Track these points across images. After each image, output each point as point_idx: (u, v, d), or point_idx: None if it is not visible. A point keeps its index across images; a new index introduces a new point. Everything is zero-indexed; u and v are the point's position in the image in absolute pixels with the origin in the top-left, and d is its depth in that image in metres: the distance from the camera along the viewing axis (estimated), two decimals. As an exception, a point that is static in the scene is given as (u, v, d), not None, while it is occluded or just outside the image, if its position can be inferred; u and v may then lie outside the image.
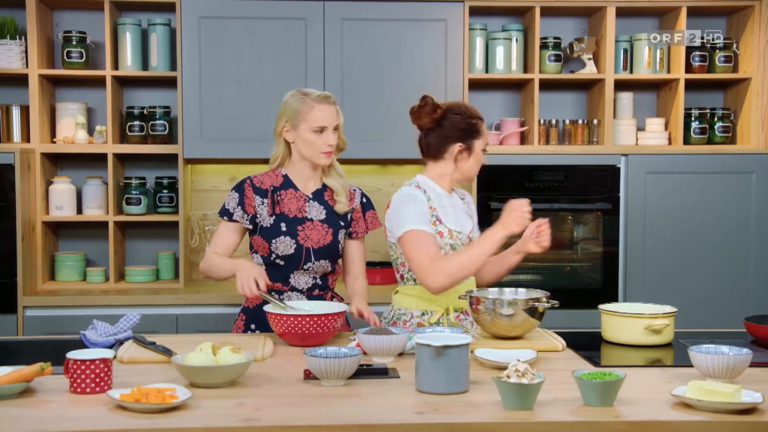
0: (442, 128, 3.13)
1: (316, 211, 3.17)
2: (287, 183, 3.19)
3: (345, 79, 4.52)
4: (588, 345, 2.93)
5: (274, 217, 3.13)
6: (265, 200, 3.14)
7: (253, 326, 3.20)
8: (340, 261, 3.30)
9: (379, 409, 2.15)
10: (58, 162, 4.80)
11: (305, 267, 3.13)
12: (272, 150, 3.25)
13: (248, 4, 4.48)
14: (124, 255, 4.79)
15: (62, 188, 4.60)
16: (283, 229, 3.12)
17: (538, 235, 3.12)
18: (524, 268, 4.57)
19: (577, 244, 4.64)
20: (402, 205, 3.06)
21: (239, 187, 3.18)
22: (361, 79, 4.54)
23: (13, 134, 4.59)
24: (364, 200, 3.28)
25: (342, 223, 3.20)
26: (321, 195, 3.20)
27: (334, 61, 4.51)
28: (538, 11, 4.62)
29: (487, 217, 4.44)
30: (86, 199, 4.65)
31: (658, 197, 4.51)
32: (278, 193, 3.16)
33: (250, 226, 3.16)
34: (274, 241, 3.11)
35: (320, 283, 3.20)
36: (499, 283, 4.36)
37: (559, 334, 2.98)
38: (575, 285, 4.60)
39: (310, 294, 3.17)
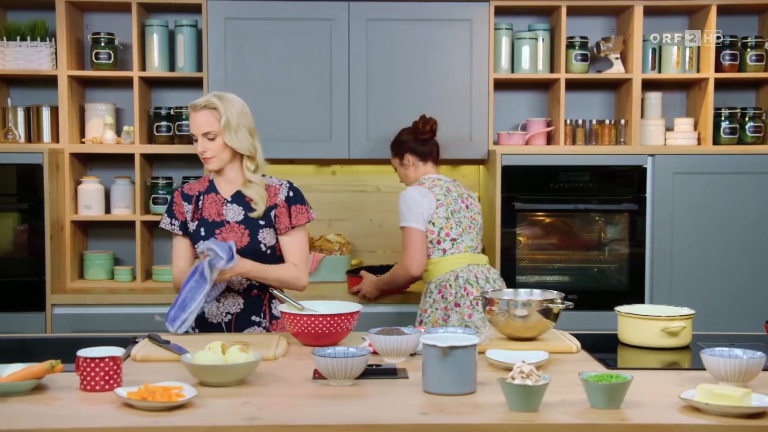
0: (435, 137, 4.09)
1: (233, 214, 3.18)
2: (210, 188, 3.24)
3: (370, 80, 4.52)
4: (604, 347, 2.90)
5: (196, 222, 3.19)
6: (190, 206, 3.22)
7: (193, 325, 3.18)
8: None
9: (383, 409, 2.14)
10: (88, 162, 4.86)
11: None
12: None
13: (273, 5, 4.50)
14: (151, 254, 4.84)
15: (91, 188, 4.66)
16: (202, 233, 3.17)
17: None
18: (550, 269, 4.55)
19: (604, 246, 4.60)
20: None
21: (171, 197, 3.32)
22: (386, 79, 4.55)
23: (43, 135, 4.65)
24: (291, 194, 3.22)
25: (262, 222, 3.17)
26: (241, 197, 3.20)
27: (358, 61, 4.52)
28: (564, 11, 4.59)
29: (511, 218, 4.44)
30: (114, 199, 4.70)
31: (686, 198, 4.45)
32: (201, 197, 3.22)
33: (180, 232, 3.23)
34: (197, 245, 3.14)
35: (257, 283, 3.18)
36: (516, 284, 4.38)
37: (577, 335, 2.96)
38: (601, 286, 4.55)
39: (247, 294, 3.19)
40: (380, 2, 4.52)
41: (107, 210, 4.73)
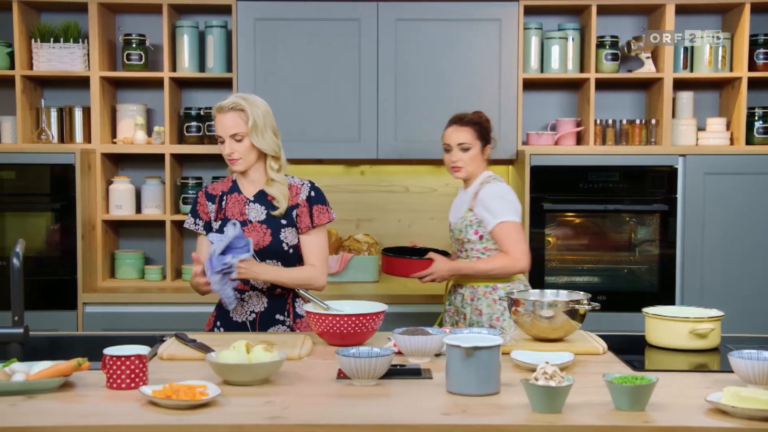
0: None
1: (255, 213, 3.19)
2: (234, 187, 3.26)
3: (398, 80, 4.52)
4: (632, 349, 2.88)
5: (219, 221, 3.21)
6: (214, 206, 3.25)
7: (219, 323, 3.25)
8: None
9: (405, 410, 2.14)
10: (119, 162, 4.91)
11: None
12: None
13: (302, 6, 4.51)
14: (181, 253, 4.87)
15: (122, 188, 4.70)
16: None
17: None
18: (579, 270, 4.52)
19: (634, 247, 4.56)
20: None
21: (195, 197, 3.33)
22: (415, 79, 4.54)
23: (76, 135, 4.70)
24: (312, 194, 3.23)
25: (284, 222, 3.18)
26: (264, 196, 3.22)
27: (387, 61, 4.52)
28: (594, 10, 4.56)
29: (539, 218, 4.42)
30: (145, 199, 4.75)
31: (718, 198, 4.40)
32: (225, 197, 3.24)
33: (204, 232, 3.24)
34: (207, 235, 3.16)
35: None
36: (544, 285, 4.36)
37: (605, 337, 2.94)
38: (631, 288, 4.52)
39: (271, 293, 3.20)
40: (409, 2, 4.52)
41: (138, 210, 4.78)
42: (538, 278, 4.36)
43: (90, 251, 4.53)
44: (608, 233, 4.57)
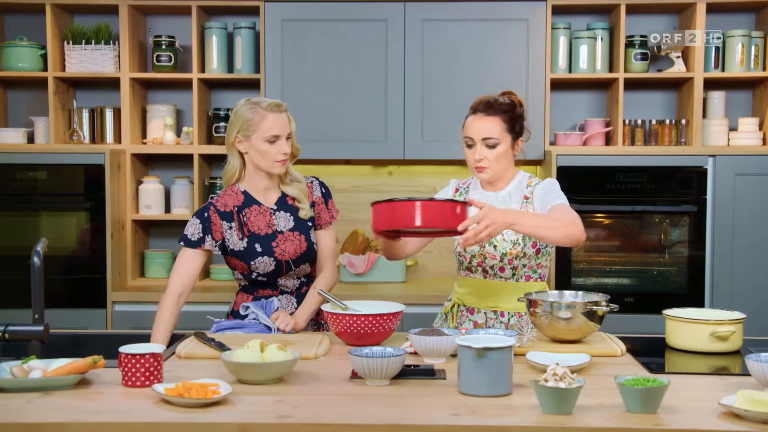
0: None
1: (283, 222, 3.17)
2: (249, 200, 3.16)
3: (425, 80, 4.52)
4: (652, 351, 2.85)
5: (246, 239, 3.12)
6: (233, 224, 3.13)
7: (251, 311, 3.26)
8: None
9: (414, 410, 2.14)
10: (150, 162, 4.96)
11: (287, 274, 3.18)
12: (225, 165, 3.20)
13: (329, 7, 4.53)
14: (209, 254, 4.89)
15: (151, 188, 4.75)
16: (258, 249, 3.12)
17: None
18: (606, 271, 4.48)
19: (662, 248, 4.51)
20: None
21: (201, 214, 3.14)
22: (442, 79, 4.54)
23: (107, 135, 4.76)
24: (323, 190, 3.25)
25: (310, 224, 3.21)
26: (284, 202, 3.19)
27: (414, 62, 4.52)
28: (623, 9, 4.52)
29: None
30: (174, 199, 4.79)
31: (748, 200, 4.34)
32: (243, 212, 3.14)
33: (219, 252, 3.17)
34: (252, 262, 3.12)
35: (305, 280, 3.25)
36: (571, 286, 4.33)
37: (627, 339, 2.91)
38: (659, 289, 4.47)
39: (299, 293, 3.22)
40: (436, 2, 4.52)
41: (167, 209, 4.82)
42: (564, 280, 4.33)
43: (119, 250, 4.59)
44: (636, 235, 4.53)
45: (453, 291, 3.27)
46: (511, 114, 3.07)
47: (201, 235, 3.12)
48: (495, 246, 3.05)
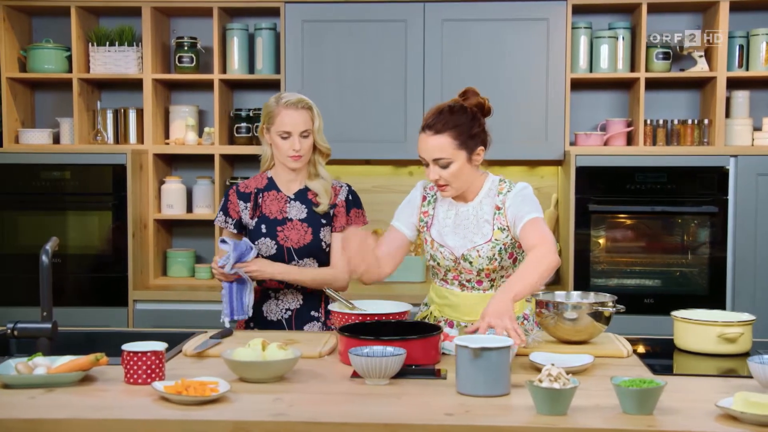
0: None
1: (296, 211, 3.21)
2: (271, 185, 3.26)
3: (444, 80, 4.52)
4: (661, 353, 2.84)
5: (255, 219, 3.21)
6: (248, 204, 3.24)
7: (252, 325, 3.28)
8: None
9: (410, 409, 2.14)
10: (172, 162, 5.01)
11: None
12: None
13: (349, 7, 4.54)
14: (231, 253, 4.94)
15: (173, 188, 4.80)
16: (264, 230, 3.19)
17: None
18: (626, 272, 4.45)
19: (682, 249, 4.46)
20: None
21: (226, 194, 3.31)
22: (461, 80, 4.51)
23: (130, 136, 4.82)
24: (350, 197, 3.27)
25: (324, 221, 3.22)
26: (304, 194, 3.24)
27: (433, 62, 4.52)
28: (645, 8, 4.49)
29: (585, 219, 4.36)
30: (196, 199, 4.84)
31: (771, 200, 4.29)
32: (261, 195, 3.24)
33: (235, 230, 3.26)
34: (256, 242, 3.19)
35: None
36: (590, 287, 4.29)
37: (637, 340, 2.90)
38: (680, 290, 4.42)
39: (305, 290, 3.23)
40: (455, 3, 4.51)
41: (189, 209, 4.87)
42: (583, 280, 4.31)
43: (141, 249, 4.64)
44: (656, 235, 4.48)
45: (429, 298, 3.15)
46: (462, 126, 2.85)
47: (222, 214, 3.30)
48: (471, 263, 2.91)
